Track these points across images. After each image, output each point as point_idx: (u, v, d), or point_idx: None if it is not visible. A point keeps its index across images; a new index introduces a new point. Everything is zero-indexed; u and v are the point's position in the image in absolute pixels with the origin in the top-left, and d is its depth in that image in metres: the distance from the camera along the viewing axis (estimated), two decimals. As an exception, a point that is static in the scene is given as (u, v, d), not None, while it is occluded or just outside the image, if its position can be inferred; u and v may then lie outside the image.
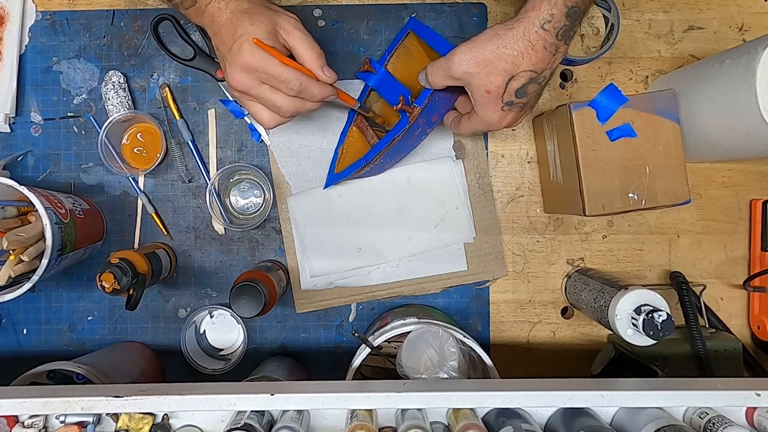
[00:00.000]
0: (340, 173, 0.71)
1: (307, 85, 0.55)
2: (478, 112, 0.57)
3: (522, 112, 0.57)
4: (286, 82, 0.55)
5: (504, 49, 0.52)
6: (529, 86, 0.54)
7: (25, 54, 0.74)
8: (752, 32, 0.74)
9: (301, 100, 0.57)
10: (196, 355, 0.74)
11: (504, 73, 0.53)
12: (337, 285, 0.75)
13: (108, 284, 0.60)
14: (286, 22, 0.56)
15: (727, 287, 0.75)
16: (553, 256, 0.76)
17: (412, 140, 0.67)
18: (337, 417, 0.52)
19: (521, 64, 0.52)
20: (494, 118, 0.57)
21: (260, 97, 0.56)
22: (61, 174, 0.75)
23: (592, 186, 0.63)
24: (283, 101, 0.56)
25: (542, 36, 0.51)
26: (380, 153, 0.65)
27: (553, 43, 0.52)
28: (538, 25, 0.51)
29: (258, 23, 0.54)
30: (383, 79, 0.70)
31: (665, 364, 0.67)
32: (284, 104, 0.56)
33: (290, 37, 0.56)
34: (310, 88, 0.56)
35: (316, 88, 0.56)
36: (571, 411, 0.51)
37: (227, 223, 0.73)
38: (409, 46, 0.71)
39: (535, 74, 0.53)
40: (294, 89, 0.55)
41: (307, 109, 0.58)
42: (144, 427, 0.50)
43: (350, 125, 0.74)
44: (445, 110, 0.66)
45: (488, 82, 0.54)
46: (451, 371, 0.59)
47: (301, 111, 0.58)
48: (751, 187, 0.75)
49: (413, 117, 0.61)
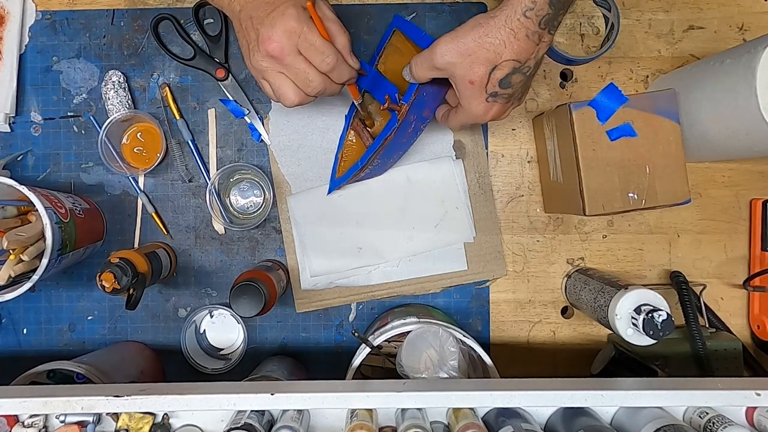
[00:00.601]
0: (341, 178, 0.71)
1: (340, 64, 0.55)
2: (463, 103, 0.56)
3: (508, 103, 0.56)
4: (324, 54, 0.53)
5: (486, 38, 0.51)
6: (513, 76, 0.53)
7: (25, 53, 0.74)
8: (752, 32, 0.74)
9: (329, 80, 0.56)
10: (196, 354, 0.74)
11: (486, 62, 0.52)
12: (337, 285, 0.75)
13: (108, 284, 0.60)
14: (323, 2, 0.55)
15: (727, 287, 0.75)
16: (553, 255, 0.76)
17: (407, 137, 0.67)
18: (337, 416, 0.52)
19: (503, 53, 0.51)
20: (479, 110, 0.56)
21: (293, 67, 0.55)
22: (61, 174, 0.75)
23: (592, 186, 0.63)
24: (315, 76, 0.55)
25: (524, 24, 0.50)
26: (375, 154, 0.65)
27: (536, 31, 0.51)
28: (520, 13, 0.50)
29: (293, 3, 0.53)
30: (374, 80, 0.70)
31: (665, 364, 0.67)
32: (315, 79, 0.55)
33: (325, 17, 0.55)
34: (342, 67, 0.55)
35: (345, 69, 0.56)
36: (571, 410, 0.51)
37: (227, 223, 0.73)
38: (397, 44, 0.71)
39: (519, 64, 0.52)
40: (330, 64, 0.54)
41: (330, 91, 0.57)
42: (144, 427, 0.50)
43: (347, 129, 0.74)
44: (436, 104, 0.65)
45: (471, 72, 0.53)
46: (451, 371, 0.59)
47: (326, 92, 0.57)
48: (752, 187, 0.75)
49: (402, 114, 0.61)
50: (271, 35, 0.53)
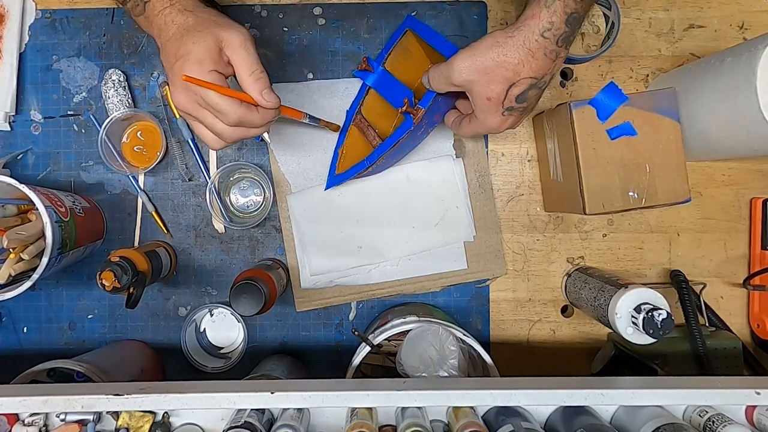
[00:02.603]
0: (342, 174, 0.71)
1: (245, 116, 0.52)
2: (479, 117, 0.58)
3: (522, 115, 0.58)
4: (222, 113, 0.52)
5: (504, 57, 0.52)
6: (529, 92, 0.54)
7: (24, 52, 0.74)
8: (753, 30, 0.74)
9: (243, 128, 0.54)
10: (196, 353, 0.74)
11: (505, 80, 0.53)
12: (337, 283, 0.75)
13: (108, 283, 0.60)
14: (233, 37, 0.52)
15: (727, 286, 0.75)
16: (553, 254, 0.76)
17: (415, 140, 0.68)
18: (337, 415, 0.52)
19: (522, 71, 0.52)
20: (494, 123, 0.57)
21: (203, 119, 0.54)
22: (61, 172, 0.75)
23: (592, 184, 0.63)
24: (224, 129, 0.53)
25: (542, 44, 0.51)
26: (384, 154, 0.65)
27: (554, 50, 0.52)
28: (538, 34, 0.51)
29: (201, 41, 0.51)
30: (382, 78, 0.70)
31: (665, 363, 0.67)
32: (225, 131, 0.54)
33: (234, 54, 0.52)
34: (249, 117, 0.53)
35: (256, 117, 0.53)
36: (571, 409, 0.51)
37: (227, 222, 0.73)
38: (407, 44, 0.71)
39: (536, 80, 0.53)
40: (234, 120, 0.52)
41: (251, 135, 0.56)
42: (144, 426, 0.50)
43: (349, 125, 0.73)
44: (446, 109, 0.66)
45: (489, 90, 0.54)
46: (451, 369, 0.59)
47: (245, 137, 0.55)
48: (752, 186, 0.75)
49: (417, 119, 0.61)
50: (174, 92, 0.53)
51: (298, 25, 0.75)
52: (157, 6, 0.54)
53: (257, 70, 0.52)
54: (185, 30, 0.53)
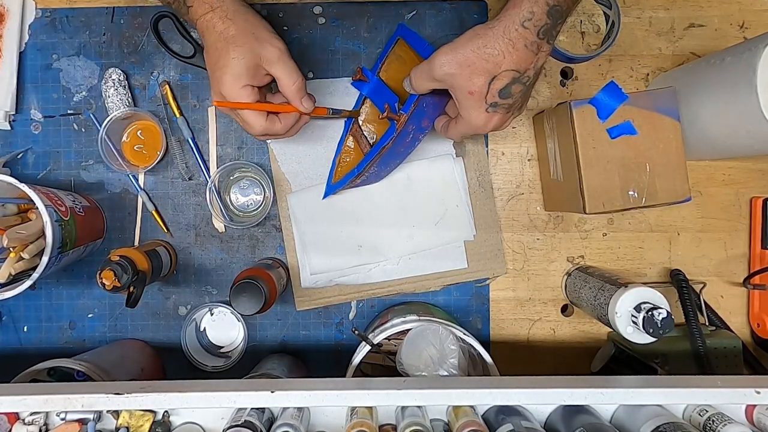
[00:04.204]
0: (336, 183, 0.71)
1: (269, 129, 0.60)
2: (463, 114, 0.56)
3: (508, 114, 0.56)
4: (249, 125, 0.60)
5: (485, 49, 0.51)
6: (512, 87, 0.53)
7: (24, 51, 0.74)
8: (753, 29, 0.74)
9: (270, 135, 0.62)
10: (196, 352, 0.74)
11: (486, 73, 0.52)
12: (338, 283, 0.75)
13: (108, 282, 0.60)
14: (270, 53, 0.57)
15: (727, 285, 0.75)
16: (553, 253, 0.76)
17: (405, 147, 0.67)
18: (337, 414, 0.52)
19: (502, 63, 0.51)
20: (479, 121, 0.55)
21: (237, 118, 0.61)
22: (61, 171, 0.75)
23: (592, 184, 0.63)
24: (253, 131, 0.61)
25: (523, 34, 0.50)
26: (371, 162, 0.65)
27: (534, 41, 0.51)
28: (518, 23, 0.50)
29: (239, 57, 0.56)
30: (376, 88, 0.70)
31: (665, 362, 0.67)
32: (255, 133, 0.61)
33: (273, 68, 0.58)
34: (273, 128, 0.60)
35: (279, 127, 0.61)
36: (571, 408, 0.51)
37: (227, 221, 0.73)
38: (400, 53, 0.71)
39: (518, 74, 0.52)
40: (257, 132, 0.60)
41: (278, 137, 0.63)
42: (144, 425, 0.50)
43: (347, 134, 0.73)
44: (435, 115, 0.65)
45: (470, 83, 0.53)
46: (451, 369, 0.59)
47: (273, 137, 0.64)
48: (752, 185, 0.75)
49: (400, 124, 0.61)
50: (213, 94, 0.60)
51: (298, 24, 0.75)
52: (199, 11, 0.57)
53: (298, 80, 0.59)
54: (225, 40, 0.56)
